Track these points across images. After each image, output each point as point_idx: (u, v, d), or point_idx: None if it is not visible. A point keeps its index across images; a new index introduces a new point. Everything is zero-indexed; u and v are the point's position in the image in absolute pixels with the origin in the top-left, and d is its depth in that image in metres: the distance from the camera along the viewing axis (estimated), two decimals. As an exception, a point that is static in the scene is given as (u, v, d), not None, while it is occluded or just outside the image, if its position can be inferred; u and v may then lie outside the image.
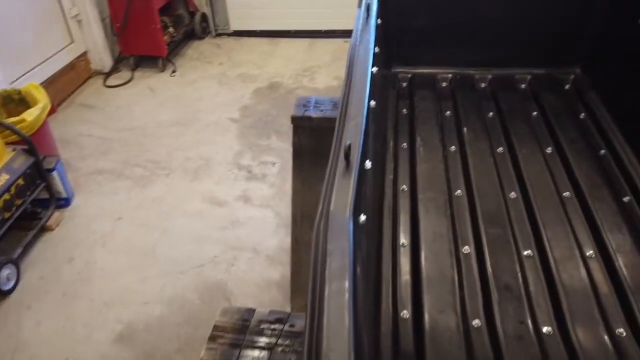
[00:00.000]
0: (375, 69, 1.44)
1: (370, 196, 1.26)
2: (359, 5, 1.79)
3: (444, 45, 2.07)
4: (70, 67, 4.18)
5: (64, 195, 2.98)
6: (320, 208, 0.95)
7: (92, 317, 2.38)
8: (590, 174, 1.51)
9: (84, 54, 4.35)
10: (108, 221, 2.91)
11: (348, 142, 1.01)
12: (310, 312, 0.77)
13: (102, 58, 4.41)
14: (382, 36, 1.90)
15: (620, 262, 1.23)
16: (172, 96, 4.18)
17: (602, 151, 1.60)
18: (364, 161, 1.09)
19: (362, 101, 1.20)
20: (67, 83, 4.16)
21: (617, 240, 1.29)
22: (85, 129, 3.77)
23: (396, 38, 2.04)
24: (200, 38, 5.07)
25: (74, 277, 2.58)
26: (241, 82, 4.35)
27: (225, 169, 3.31)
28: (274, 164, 3.33)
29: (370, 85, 1.29)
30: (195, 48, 4.97)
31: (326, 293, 0.75)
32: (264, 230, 2.82)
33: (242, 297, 2.43)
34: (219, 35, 5.14)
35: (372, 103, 1.31)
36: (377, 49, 1.56)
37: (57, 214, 2.91)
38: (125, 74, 4.49)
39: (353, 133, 1.09)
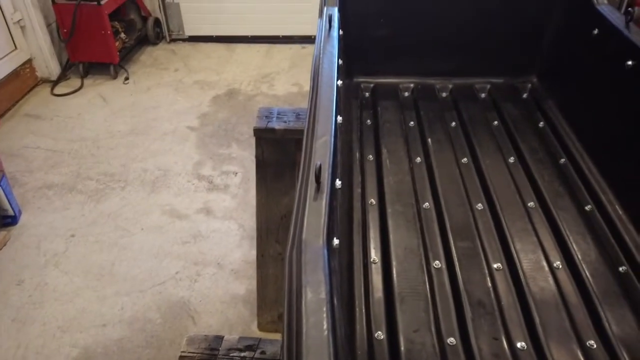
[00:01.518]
0: (339, 82, 1.42)
1: (340, 214, 1.23)
2: (320, 16, 1.77)
3: (405, 56, 2.08)
4: (14, 75, 3.95)
5: (10, 212, 2.80)
6: (291, 234, 0.91)
7: (45, 343, 2.23)
8: (552, 183, 1.54)
9: (29, 62, 4.12)
10: (60, 239, 2.75)
11: (318, 163, 0.97)
12: (287, 347, 0.73)
13: (48, 65, 4.19)
14: (344, 46, 1.88)
15: (586, 272, 1.25)
16: (125, 104, 4.02)
17: (562, 160, 1.63)
18: (334, 180, 1.05)
19: (330, 118, 1.17)
20: (10, 92, 3.93)
21: (582, 250, 1.32)
22: (32, 141, 3.57)
23: (358, 48, 2.03)
24: (154, 44, 4.91)
25: (24, 300, 2.42)
26: (199, 89, 4.24)
27: (184, 180, 3.21)
28: (235, 173, 3.26)
29: (336, 100, 1.27)
30: (149, 54, 4.81)
31: (304, 329, 0.71)
32: (228, 243, 2.74)
33: (206, 314, 2.35)
34: (173, 40, 5.00)
35: (339, 119, 1.29)
36: (340, 61, 1.54)
37: (3, 233, 2.73)
38: (74, 82, 4.29)
39: (322, 152, 1.06)
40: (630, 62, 1.45)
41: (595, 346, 1.09)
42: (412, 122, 1.88)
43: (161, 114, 3.90)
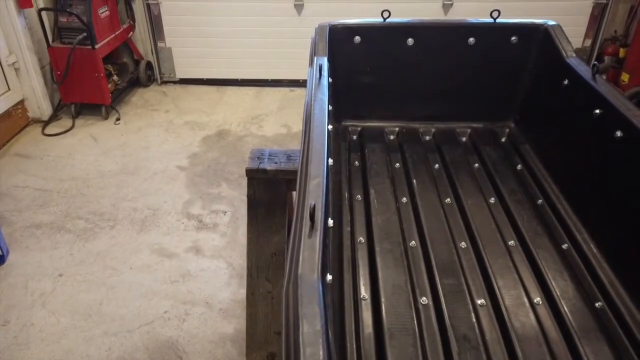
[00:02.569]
0: (330, 127, 1.51)
1: (332, 252, 1.29)
2: (311, 65, 1.88)
3: (390, 102, 2.19)
4: (6, 115, 4.01)
5: (-3, 252, 2.79)
6: (287, 269, 0.96)
7: (29, 386, 2.20)
8: (530, 222, 1.63)
9: (21, 102, 4.19)
10: (47, 279, 2.74)
11: (312, 203, 1.04)
12: (284, 379, 0.78)
13: (40, 106, 4.26)
14: (333, 93, 1.99)
15: (565, 307, 1.32)
16: (116, 145, 4.08)
17: (540, 200, 1.73)
18: (327, 219, 1.12)
19: (322, 160, 1.25)
20: (1, 132, 3.97)
21: (560, 287, 1.39)
22: (21, 180, 3.59)
23: (346, 94, 2.14)
24: (146, 86, 5.03)
25: (9, 342, 2.39)
26: (189, 130, 4.33)
27: (174, 219, 3.24)
28: (225, 212, 3.31)
29: (327, 143, 1.35)
30: (141, 96, 4.92)
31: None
32: (217, 282, 2.76)
33: (194, 354, 2.34)
34: (164, 83, 5.13)
35: (330, 161, 1.37)
36: (330, 107, 1.64)
37: (-11, 273, 2.71)
38: (66, 122, 4.35)
39: (315, 193, 1.13)
40: (597, 111, 1.57)
41: (574, 379, 1.15)
42: (397, 164, 1.97)
43: (151, 153, 3.96)
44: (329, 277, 1.01)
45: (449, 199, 1.76)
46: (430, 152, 2.05)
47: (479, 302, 1.35)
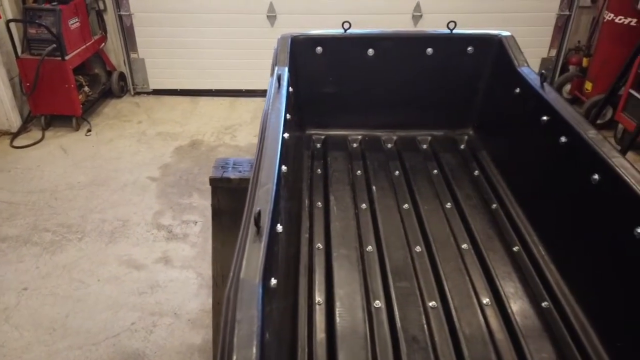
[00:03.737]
0: (286, 135, 1.54)
1: (284, 258, 1.31)
2: (272, 75, 1.91)
3: (353, 110, 2.24)
4: (-27, 127, 3.94)
5: (-40, 266, 2.73)
6: (231, 275, 0.98)
7: (-11, 402, 2.15)
8: (484, 226, 1.67)
9: (-11, 114, 4.13)
10: (12, 293, 2.69)
11: (258, 209, 1.06)
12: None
13: (9, 118, 4.20)
14: (295, 102, 2.02)
15: (512, 308, 1.36)
16: (86, 156, 4.04)
17: (494, 205, 1.78)
18: (275, 225, 1.14)
19: (273, 167, 1.27)
20: (-32, 144, 3.90)
21: (509, 288, 1.43)
22: (-12, 193, 3.53)
23: (309, 103, 2.18)
24: (119, 97, 5.00)
25: (-31, 358, 2.34)
26: (161, 141, 4.31)
27: (144, 230, 3.22)
28: (195, 222, 3.30)
29: (282, 151, 1.37)
30: (113, 107, 4.89)
31: (233, 363, 0.78)
32: (185, 292, 2.74)
33: (161, 366, 2.33)
34: (138, 94, 5.11)
35: (284, 168, 1.39)
36: (288, 116, 1.67)
37: (-49, 288, 2.65)
38: (35, 134, 4.29)
39: (264, 199, 1.15)
40: (544, 118, 1.63)
41: (518, 376, 1.18)
42: (359, 171, 2.01)
43: (123, 165, 3.94)
44: (274, 281, 1.03)
45: (406, 205, 1.80)
46: (391, 159, 2.09)
47: (430, 304, 1.38)
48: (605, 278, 1.28)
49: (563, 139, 1.51)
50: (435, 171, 1.99)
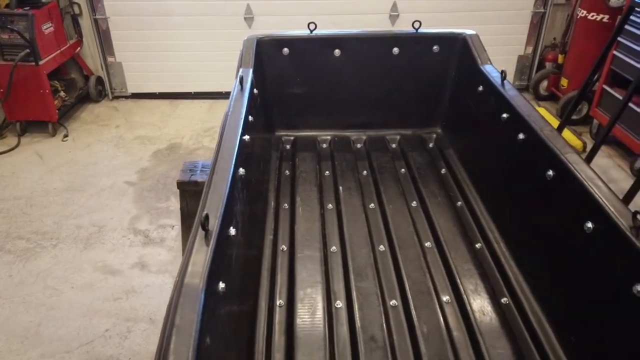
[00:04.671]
0: (247, 137, 1.53)
1: (242, 261, 1.30)
2: (236, 77, 1.90)
3: (323, 111, 2.24)
4: (-54, 135, 3.88)
5: None
6: (176, 279, 0.97)
7: (-42, 414, 2.12)
8: (448, 224, 1.68)
9: (-38, 121, 4.07)
10: (-17, 302, 2.66)
11: (205, 212, 1.06)
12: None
13: (-17, 124, 4.15)
14: (263, 103, 2.01)
15: (472, 305, 1.37)
16: (63, 162, 3.99)
17: (459, 202, 1.79)
18: (226, 229, 1.14)
19: (227, 170, 1.27)
20: (-59, 152, 3.84)
21: (470, 285, 1.44)
22: (-39, 201, 3.47)
23: (277, 105, 2.17)
24: (96, 101, 4.95)
25: (-62, 370, 2.30)
26: (140, 145, 4.28)
27: (120, 235, 3.19)
28: (172, 226, 3.27)
29: (239, 153, 1.37)
30: (91, 111, 4.84)
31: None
32: (162, 297, 2.72)
33: (135, 372, 2.30)
34: (116, 98, 5.06)
35: (242, 171, 1.38)
36: (251, 118, 1.66)
37: None
38: (10, 140, 4.24)
39: (215, 202, 1.15)
40: (504, 115, 1.64)
41: (473, 373, 1.19)
42: (327, 172, 2.01)
43: (100, 170, 3.90)
44: (222, 285, 1.02)
45: (372, 204, 1.80)
46: (360, 159, 2.09)
47: (390, 303, 1.39)
48: (559, 273, 1.29)
49: (521, 136, 1.52)
50: (403, 170, 1.99)
